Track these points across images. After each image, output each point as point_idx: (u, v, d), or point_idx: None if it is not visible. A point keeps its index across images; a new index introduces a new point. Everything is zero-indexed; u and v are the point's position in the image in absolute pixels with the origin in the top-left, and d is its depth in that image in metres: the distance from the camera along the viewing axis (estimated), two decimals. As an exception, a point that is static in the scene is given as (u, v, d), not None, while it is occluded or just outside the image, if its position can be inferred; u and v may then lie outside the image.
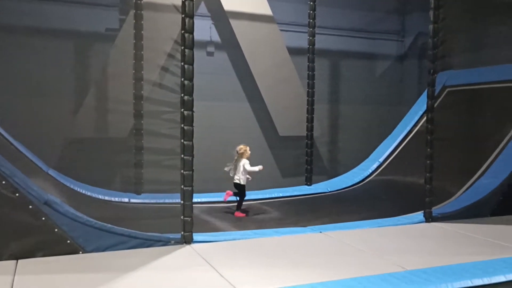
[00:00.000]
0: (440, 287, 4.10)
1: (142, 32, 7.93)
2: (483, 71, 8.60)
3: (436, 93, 6.95)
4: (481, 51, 8.90)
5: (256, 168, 7.10)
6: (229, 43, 9.07)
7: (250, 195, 8.12)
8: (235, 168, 7.15)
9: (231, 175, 7.18)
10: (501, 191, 6.77)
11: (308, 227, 6.09)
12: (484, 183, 7.01)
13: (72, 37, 7.94)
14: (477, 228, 6.03)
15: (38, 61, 7.60)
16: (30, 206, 4.46)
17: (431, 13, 6.42)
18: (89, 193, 7.28)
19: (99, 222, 4.84)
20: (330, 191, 8.50)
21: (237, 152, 7.19)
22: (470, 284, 4.20)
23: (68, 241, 4.66)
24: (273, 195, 8.24)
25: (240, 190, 7.16)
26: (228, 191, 7.26)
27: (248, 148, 7.23)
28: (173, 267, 4.45)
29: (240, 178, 7.12)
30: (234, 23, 8.94)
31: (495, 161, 7.28)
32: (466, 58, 9.18)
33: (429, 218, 6.38)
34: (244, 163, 7.12)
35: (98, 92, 8.04)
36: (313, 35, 8.98)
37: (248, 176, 7.18)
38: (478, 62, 8.82)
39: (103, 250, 4.82)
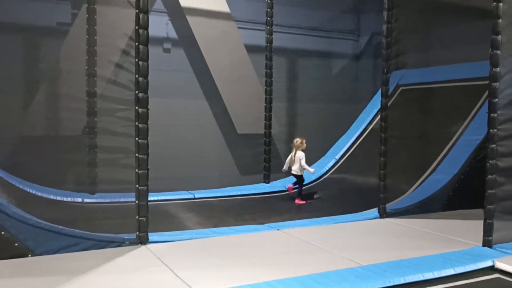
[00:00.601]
0: (393, 281, 4.21)
1: (95, 27, 7.70)
2: (434, 70, 8.89)
3: (390, 92, 7.13)
4: (432, 51, 9.20)
5: (310, 170, 7.86)
6: (186, 40, 8.96)
7: (208, 193, 8.09)
8: (291, 160, 7.85)
9: (286, 168, 7.98)
10: (451, 186, 7.02)
11: (266, 224, 6.11)
12: (435, 179, 7.25)
13: (22, 32, 7.61)
14: (429, 223, 6.23)
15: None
16: (-26, 208, 4.25)
17: (384, 13, 6.57)
18: (39, 194, 7.01)
19: (50, 224, 4.66)
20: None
21: (294, 144, 7.86)
22: (422, 278, 4.33)
23: (16, 244, 4.46)
24: (231, 193, 8.22)
25: (298, 179, 7.83)
26: (289, 185, 7.96)
27: (304, 141, 7.87)
28: (127, 269, 4.35)
29: (297, 169, 7.79)
30: (191, 19, 8.82)
31: (445, 158, 7.55)
32: (418, 57, 9.46)
33: (383, 214, 6.54)
34: (301, 157, 7.78)
35: (50, 88, 7.76)
36: (270, 33, 9.00)
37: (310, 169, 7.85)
38: (429, 62, 9.11)
39: (54, 253, 4.65)
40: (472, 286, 4.30)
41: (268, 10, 8.92)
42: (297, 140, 7.88)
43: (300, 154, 7.78)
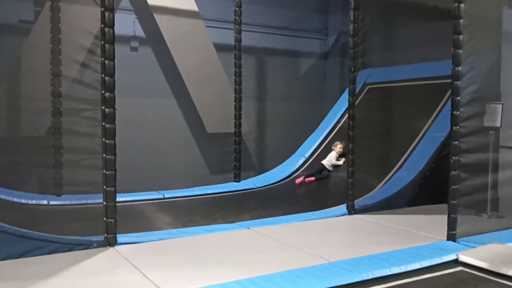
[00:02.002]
0: (361, 277, 4.28)
1: (59, 25, 7.51)
2: (399, 69, 9.09)
3: (357, 90, 7.25)
4: (398, 50, 9.40)
5: (340, 162, 8.64)
6: (153, 38, 8.86)
7: (178, 192, 8.03)
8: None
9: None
10: (416, 183, 7.20)
11: (236, 223, 6.11)
12: (401, 175, 7.41)
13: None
14: (395, 219, 6.37)
15: None
16: None
17: (351, 13, 6.66)
18: (2, 196, 6.79)
19: (13, 227, 4.52)
20: (258, 187, 8.57)
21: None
22: (389, 272, 4.42)
23: (-23, 249, 4.32)
24: (201, 192, 8.17)
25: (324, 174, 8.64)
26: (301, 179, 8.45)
27: (338, 144, 8.72)
28: (95, 271, 4.27)
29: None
30: (158, 18, 8.73)
31: (411, 155, 7.72)
32: (384, 56, 9.65)
33: (352, 210, 6.65)
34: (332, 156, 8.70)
35: (12, 88, 7.52)
36: (239, 32, 8.99)
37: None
38: (395, 61, 9.31)
39: (18, 257, 4.52)
40: (437, 279, 4.42)
41: (237, 9, 8.90)
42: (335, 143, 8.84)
43: (333, 154, 8.69)
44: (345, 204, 6.71)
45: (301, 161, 9.36)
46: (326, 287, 4.06)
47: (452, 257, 4.83)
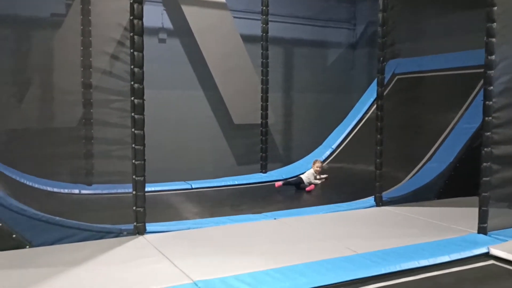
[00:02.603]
0: (389, 269, 4.25)
1: (89, 18, 7.65)
2: (429, 59, 8.90)
3: (386, 81, 7.14)
4: (428, 39, 9.19)
5: (317, 181, 8.27)
6: (181, 30, 8.92)
7: (205, 183, 8.11)
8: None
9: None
10: (446, 175, 7.06)
11: (262, 214, 6.13)
12: (431, 167, 7.28)
13: (16, 23, 7.56)
14: (424, 211, 6.27)
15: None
16: (-29, 200, 4.25)
17: (380, 2, 6.54)
18: (36, 185, 7.00)
19: (47, 215, 4.67)
20: (284, 178, 8.58)
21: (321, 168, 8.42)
22: (417, 265, 4.37)
23: (14, 236, 4.47)
24: (228, 183, 8.23)
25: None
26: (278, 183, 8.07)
27: (316, 162, 8.40)
28: (125, 259, 4.37)
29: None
30: (186, 9, 8.79)
31: (441, 146, 7.58)
32: (414, 46, 9.46)
33: (379, 202, 6.58)
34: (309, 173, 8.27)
35: (45, 80, 7.71)
36: (266, 22, 8.95)
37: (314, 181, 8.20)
38: (425, 50, 9.11)
39: (51, 244, 4.66)
40: (467, 272, 4.35)
41: (264, -1, 8.87)
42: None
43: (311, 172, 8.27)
44: (373, 196, 6.65)
45: (328, 153, 9.30)
46: (353, 278, 4.06)
47: (483, 250, 4.74)
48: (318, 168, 8.26)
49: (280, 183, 7.97)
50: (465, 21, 7.97)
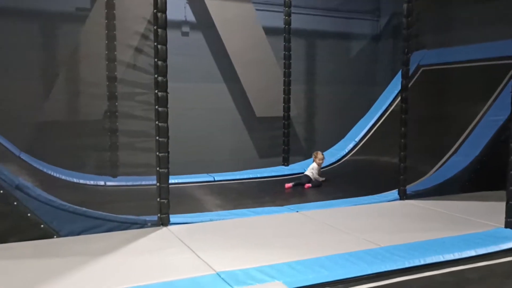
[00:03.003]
0: (413, 263, 4.20)
1: (114, 11, 7.74)
2: (456, 50, 8.71)
3: (410, 73, 7.02)
4: (454, 30, 9.00)
5: (322, 178, 7.98)
6: (204, 23, 8.94)
7: (227, 175, 8.16)
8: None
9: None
10: (471, 168, 6.94)
11: (285, 206, 6.14)
12: (456, 161, 7.16)
13: (42, 17, 7.70)
14: (449, 205, 6.18)
15: (6, 43, 7.36)
16: (1, 191, 4.36)
17: (405, -8, 6.43)
18: (63, 177, 7.16)
19: (73, 206, 4.78)
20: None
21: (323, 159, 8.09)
22: (442, 259, 4.32)
23: (42, 226, 4.59)
24: (250, 176, 8.26)
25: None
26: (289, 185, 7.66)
27: (318, 154, 8.08)
28: (150, 249, 4.44)
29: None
30: (209, 2, 8.80)
31: (467, 140, 7.44)
32: (439, 37, 9.27)
33: (403, 196, 6.51)
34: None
35: (71, 74, 7.86)
36: (289, 14, 8.91)
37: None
38: (451, 42, 8.93)
39: (78, 234, 4.77)
40: (493, 267, 4.27)
41: (286, -9, 8.82)
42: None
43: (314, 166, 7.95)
44: (397, 190, 6.58)
45: (351, 145, 9.24)
46: (377, 271, 4.03)
47: (510, 245, 4.65)
48: (320, 161, 7.97)
49: (290, 184, 7.59)
50: (493, 11, 7.77)
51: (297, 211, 5.89)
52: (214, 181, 7.92)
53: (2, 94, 7.35)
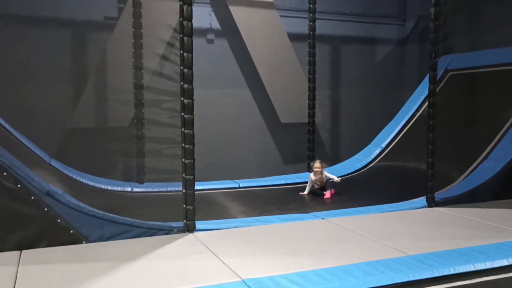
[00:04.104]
0: (443, 272, 4.10)
1: (141, 20, 7.87)
2: (485, 54, 8.53)
3: (438, 77, 6.90)
4: (483, 33, 8.81)
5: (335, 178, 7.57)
6: (229, 30, 9.01)
7: (252, 182, 8.16)
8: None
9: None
10: (504, 174, 6.76)
11: (311, 213, 6.10)
12: (487, 167, 6.99)
13: (72, 26, 7.90)
14: (480, 212, 6.03)
15: (37, 51, 7.57)
16: (32, 197, 4.47)
17: (432, -4, 6.34)
18: (91, 183, 7.29)
19: (102, 212, 4.85)
20: (332, 177, 8.48)
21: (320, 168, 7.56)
22: (473, 268, 4.20)
23: (71, 231, 4.67)
24: (275, 182, 8.24)
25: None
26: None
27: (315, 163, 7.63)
28: (176, 256, 4.47)
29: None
30: (233, 9, 8.86)
31: (498, 145, 7.26)
32: (468, 41, 9.10)
33: (432, 203, 6.38)
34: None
35: (99, 81, 8.02)
36: (313, 20, 8.89)
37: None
38: (481, 45, 8.74)
39: (106, 240, 4.84)
40: (527, 277, 4.15)
41: (311, -3, 8.81)
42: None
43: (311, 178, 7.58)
44: (425, 196, 6.46)
45: (377, 152, 9.12)
46: (405, 280, 3.95)
47: (544, 254, 4.49)
48: (316, 169, 7.44)
49: (331, 192, 7.37)
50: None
51: (323, 218, 5.84)
52: (239, 187, 7.93)
53: (33, 101, 7.56)
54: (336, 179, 7.47)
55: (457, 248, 4.64)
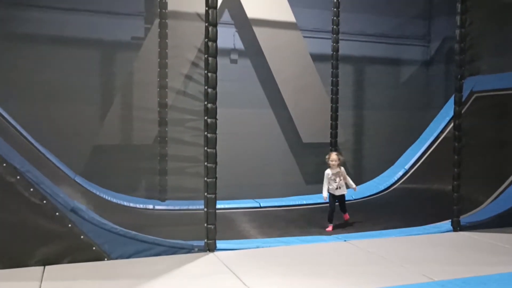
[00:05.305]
0: (469, 299, 3.99)
1: (166, 40, 8.03)
2: (511, 76, 8.38)
3: (463, 99, 6.80)
4: (510, 55, 8.68)
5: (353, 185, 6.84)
6: (252, 50, 9.10)
7: (274, 202, 8.12)
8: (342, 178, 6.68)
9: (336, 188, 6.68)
10: (533, 199, 6.57)
11: (333, 235, 6.02)
12: (515, 191, 6.81)
13: (99, 46, 8.10)
14: (508, 238, 5.85)
15: (66, 70, 7.77)
16: (57, 213, 4.54)
17: (457, 17, 6.30)
18: (114, 200, 7.37)
19: (124, 229, 4.88)
20: (355, 199, 8.37)
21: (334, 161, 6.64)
22: (501, 296, 4.07)
23: (94, 248, 4.71)
24: (297, 202, 8.19)
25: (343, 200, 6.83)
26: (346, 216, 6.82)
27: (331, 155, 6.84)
28: (196, 275, 4.45)
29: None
30: (257, 30, 8.96)
31: (526, 168, 7.08)
32: (494, 62, 8.97)
33: (457, 227, 6.23)
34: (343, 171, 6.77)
35: (124, 99, 8.17)
36: (336, 41, 8.92)
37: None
38: (507, 67, 8.61)
39: (128, 257, 4.85)
40: (559, 307, 3.99)
41: (334, 18, 8.85)
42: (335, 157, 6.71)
43: (343, 169, 6.79)
44: (450, 220, 6.31)
45: (400, 173, 9.00)
46: (430, 307, 3.85)
47: None
48: (333, 162, 6.60)
49: (330, 228, 6.55)
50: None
51: (345, 240, 5.75)
52: (260, 207, 7.90)
53: (60, 119, 7.73)
54: (354, 186, 6.84)
55: (484, 274, 4.50)
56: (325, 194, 6.64)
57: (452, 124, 6.59)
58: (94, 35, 8.03)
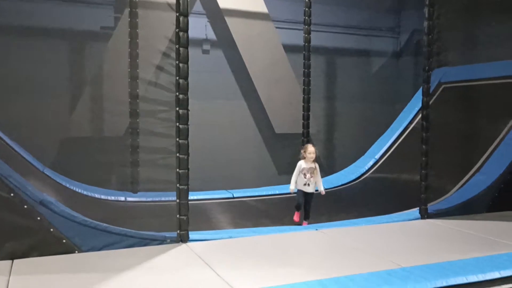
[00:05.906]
0: (436, 284, 4.11)
1: (137, 30, 7.91)
2: (478, 67, 8.62)
3: (431, 90, 6.97)
4: (476, 48, 8.92)
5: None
6: (224, 41, 9.07)
7: (247, 192, 8.16)
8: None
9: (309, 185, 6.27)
10: (496, 187, 6.80)
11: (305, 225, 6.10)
12: (479, 179, 7.03)
13: (67, 36, 7.92)
14: (472, 225, 6.05)
15: (32, 61, 7.58)
16: (25, 206, 4.45)
17: (426, 10, 6.42)
18: (85, 192, 7.27)
19: (95, 222, 4.83)
20: (326, 189, 8.44)
21: (309, 154, 6.25)
22: (465, 281, 4.22)
23: (64, 241, 4.65)
24: (270, 192, 8.24)
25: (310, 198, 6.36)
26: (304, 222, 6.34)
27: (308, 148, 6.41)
28: (169, 266, 4.45)
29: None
30: (229, 20, 8.93)
31: (490, 157, 7.31)
32: (461, 54, 9.20)
33: (425, 215, 6.40)
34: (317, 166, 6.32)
35: (94, 91, 8.04)
36: (308, 32, 8.95)
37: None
38: (474, 59, 8.84)
39: (99, 250, 4.81)
40: (519, 290, 4.17)
41: (306, 9, 8.88)
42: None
43: (316, 165, 6.35)
44: (418, 208, 6.48)
45: (371, 163, 9.15)
46: (398, 292, 3.96)
47: (536, 267, 4.51)
48: (310, 154, 6.29)
49: (297, 216, 6.33)
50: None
51: (316, 230, 5.84)
52: (233, 197, 7.93)
53: (28, 110, 7.55)
54: (322, 190, 6.52)
55: (450, 260, 4.66)
56: (292, 186, 6.31)
57: (420, 115, 6.73)
58: (62, 25, 7.85)
